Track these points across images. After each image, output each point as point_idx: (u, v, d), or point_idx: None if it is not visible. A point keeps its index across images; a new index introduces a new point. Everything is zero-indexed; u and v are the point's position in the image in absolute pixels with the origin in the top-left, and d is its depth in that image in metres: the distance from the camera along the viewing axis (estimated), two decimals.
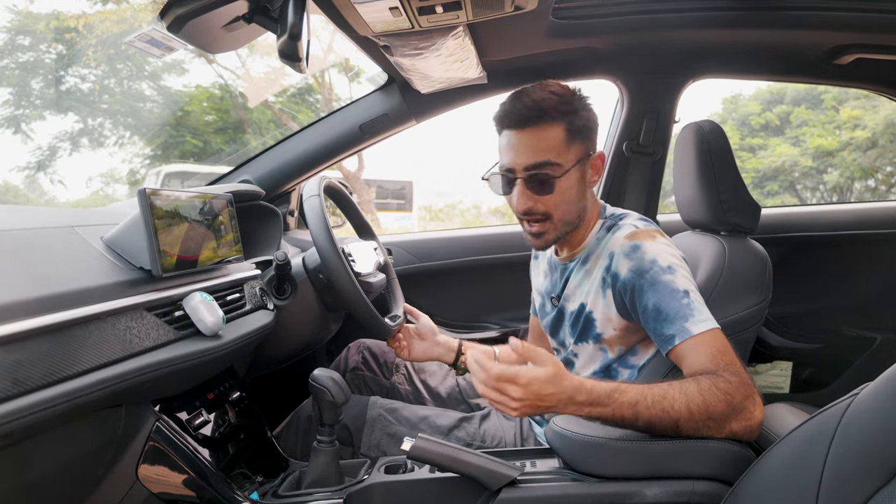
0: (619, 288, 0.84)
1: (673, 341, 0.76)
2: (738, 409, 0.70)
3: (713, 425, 0.70)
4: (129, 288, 0.67)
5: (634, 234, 0.85)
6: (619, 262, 0.84)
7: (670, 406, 0.69)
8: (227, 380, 0.95)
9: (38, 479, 0.59)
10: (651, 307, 0.78)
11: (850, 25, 1.14)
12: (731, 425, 0.70)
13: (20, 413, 0.49)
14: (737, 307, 0.91)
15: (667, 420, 0.69)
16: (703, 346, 0.74)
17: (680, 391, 0.69)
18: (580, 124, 0.86)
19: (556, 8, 1.13)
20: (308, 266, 1.13)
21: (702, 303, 0.78)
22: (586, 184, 0.90)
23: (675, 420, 0.69)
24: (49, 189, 7.47)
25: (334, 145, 1.38)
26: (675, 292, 0.77)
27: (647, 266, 0.80)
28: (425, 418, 1.02)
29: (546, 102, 0.84)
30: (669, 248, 0.84)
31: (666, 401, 0.69)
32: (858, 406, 0.50)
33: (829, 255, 1.54)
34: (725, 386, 0.70)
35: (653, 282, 0.79)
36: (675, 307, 0.76)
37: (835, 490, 0.47)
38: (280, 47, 0.78)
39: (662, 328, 0.77)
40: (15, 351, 0.50)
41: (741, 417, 0.70)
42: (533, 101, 0.84)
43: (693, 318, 0.76)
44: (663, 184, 1.49)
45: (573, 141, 0.86)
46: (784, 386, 1.55)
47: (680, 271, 0.80)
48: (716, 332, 0.75)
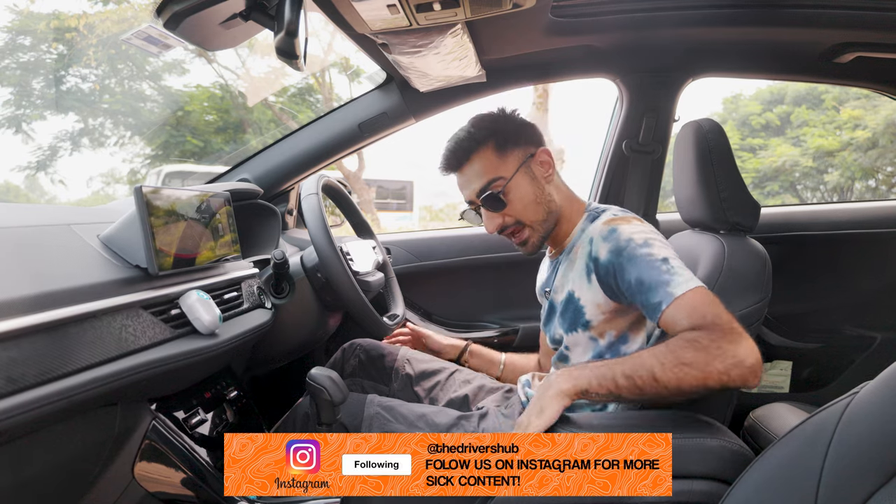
0: (601, 272, 0.86)
1: (660, 307, 0.77)
2: (716, 354, 0.70)
3: (693, 371, 0.70)
4: (125, 286, 0.67)
5: (611, 220, 0.88)
6: (598, 246, 0.87)
7: (640, 360, 0.73)
8: (224, 378, 0.95)
9: (33, 477, 0.59)
10: (634, 281, 0.80)
11: (850, 24, 1.14)
12: (717, 368, 0.70)
13: (15, 411, 0.49)
14: (736, 306, 0.90)
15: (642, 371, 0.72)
16: (686, 304, 0.75)
17: (649, 350, 0.75)
18: (506, 135, 0.94)
19: (555, 6, 1.13)
20: (306, 265, 1.13)
21: (682, 266, 0.79)
22: (540, 181, 0.95)
23: (650, 368, 0.72)
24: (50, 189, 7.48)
25: (333, 144, 1.38)
26: (653, 262, 0.79)
27: (624, 244, 0.83)
28: (423, 416, 1.01)
29: (467, 138, 0.94)
30: (643, 228, 0.86)
31: (634, 357, 0.75)
32: (858, 405, 0.49)
33: (829, 255, 1.53)
34: (694, 336, 0.72)
35: (630, 257, 0.81)
36: (655, 275, 0.78)
37: (834, 489, 0.47)
38: (277, 44, 0.78)
39: (648, 298, 0.79)
40: (10, 348, 0.50)
41: (721, 362, 0.70)
42: (456, 143, 0.94)
43: (674, 281, 0.77)
44: (663, 183, 1.48)
45: (505, 152, 0.93)
46: (784, 385, 1.55)
47: (656, 244, 0.82)
48: (699, 290, 0.76)
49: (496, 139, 0.94)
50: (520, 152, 0.94)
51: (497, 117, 0.97)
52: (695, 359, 0.70)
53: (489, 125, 0.95)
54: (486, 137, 0.93)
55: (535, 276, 1.13)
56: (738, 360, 0.70)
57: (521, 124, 0.97)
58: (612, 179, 1.48)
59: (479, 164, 0.93)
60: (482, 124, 0.95)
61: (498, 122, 0.96)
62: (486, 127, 0.95)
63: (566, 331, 0.95)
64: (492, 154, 0.93)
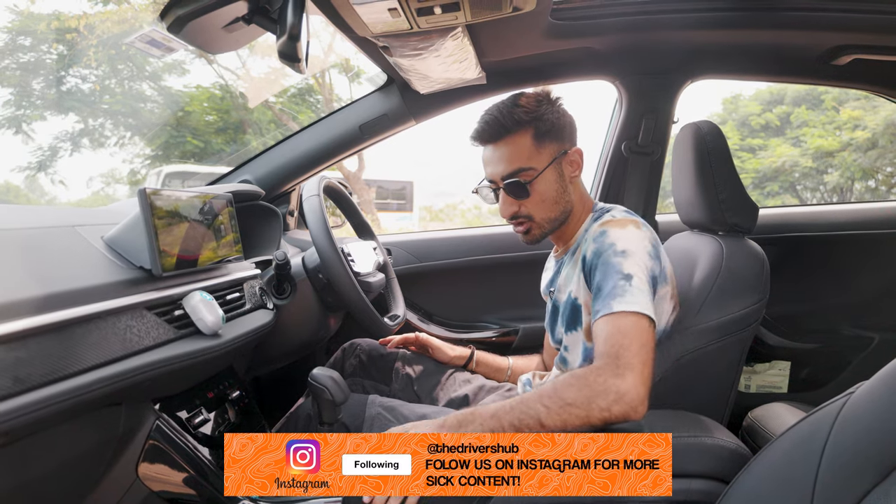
0: (585, 270, 0.87)
1: (596, 315, 0.78)
2: (599, 391, 0.70)
3: (577, 411, 0.70)
4: (129, 287, 0.68)
5: (607, 222, 0.88)
6: (588, 245, 0.87)
7: (527, 407, 0.72)
8: (226, 379, 0.95)
9: (38, 476, 0.59)
10: (595, 285, 0.82)
11: (848, 26, 1.15)
12: (598, 404, 0.70)
13: (21, 411, 0.49)
14: (734, 307, 0.91)
15: (529, 419, 0.72)
16: (611, 324, 0.75)
17: (535, 391, 0.73)
18: (547, 126, 0.90)
19: (555, 9, 1.14)
20: (308, 266, 1.13)
21: (640, 289, 0.78)
22: (566, 180, 0.93)
23: (536, 415, 0.71)
24: (50, 189, 7.49)
25: (334, 145, 1.39)
26: (616, 273, 0.79)
27: (605, 248, 0.83)
28: (424, 416, 1.02)
29: (509, 115, 0.89)
30: (633, 236, 0.85)
31: (524, 403, 0.72)
32: (854, 404, 0.50)
33: (827, 255, 1.54)
34: (582, 372, 0.72)
35: (604, 262, 0.82)
36: (611, 286, 0.78)
37: (831, 487, 0.47)
38: (280, 48, 0.79)
39: (596, 303, 0.80)
40: (16, 349, 0.51)
41: (603, 398, 0.70)
42: (496, 117, 0.90)
43: (621, 298, 0.77)
44: (662, 184, 1.49)
45: (543, 143, 0.90)
46: (782, 385, 1.56)
47: (633, 257, 0.81)
48: (635, 317, 0.75)
49: (537, 126, 0.90)
50: (555, 147, 0.91)
51: (543, 102, 0.92)
52: (577, 397, 0.71)
53: (534, 108, 0.90)
54: (529, 122, 0.89)
55: (536, 276, 1.14)
56: (620, 395, 0.70)
57: (564, 118, 0.93)
58: (611, 180, 1.49)
59: (513, 147, 0.90)
60: (528, 106, 0.90)
61: (542, 107, 0.91)
62: (532, 110, 0.90)
63: (566, 330, 0.96)
64: (529, 141, 0.90)
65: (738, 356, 0.94)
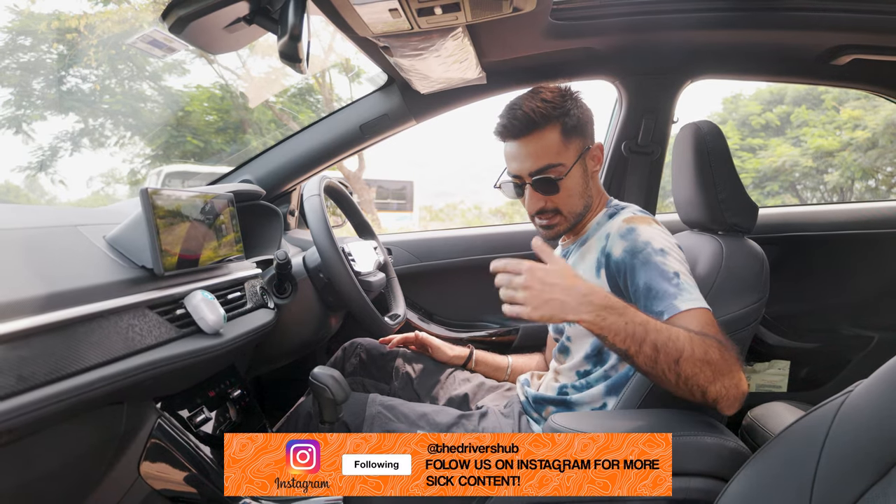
0: (612, 268, 0.86)
1: (662, 317, 0.77)
2: (728, 370, 0.71)
3: (708, 374, 0.69)
4: (131, 286, 0.68)
5: (632, 219, 0.88)
6: (614, 242, 0.87)
7: (676, 336, 0.70)
8: (228, 377, 0.95)
9: (40, 475, 0.60)
10: (642, 286, 0.81)
11: (847, 26, 1.15)
12: (723, 382, 0.70)
13: (24, 409, 0.50)
14: (734, 306, 0.91)
15: (672, 349, 0.69)
16: (692, 320, 0.76)
17: (685, 331, 0.71)
18: (574, 122, 0.91)
19: (555, 9, 1.14)
20: (308, 265, 1.14)
21: (693, 285, 0.80)
22: (589, 175, 0.95)
23: (680, 351, 0.69)
24: (50, 189, 7.50)
25: (334, 145, 1.39)
26: (665, 273, 0.79)
27: (641, 247, 0.83)
28: (424, 415, 1.02)
29: (538, 110, 0.89)
30: (663, 234, 0.86)
31: (672, 331, 0.71)
32: (852, 403, 0.50)
33: (826, 255, 1.54)
34: (717, 344, 0.72)
35: (645, 261, 0.81)
36: (664, 286, 0.78)
37: (829, 486, 0.48)
38: (281, 48, 0.79)
39: (652, 305, 0.79)
40: (19, 348, 0.51)
41: (729, 379, 0.71)
42: (525, 112, 0.89)
43: (682, 296, 0.77)
44: (663, 184, 1.49)
45: (570, 139, 0.91)
46: (782, 385, 1.56)
47: (672, 255, 0.82)
48: (704, 311, 0.77)
49: (564, 122, 0.90)
50: (580, 143, 0.92)
51: (567, 97, 0.92)
52: (717, 361, 0.70)
53: (561, 104, 0.90)
54: (557, 117, 0.89)
55: None
56: (740, 384, 0.71)
57: (587, 113, 0.94)
58: (611, 180, 1.49)
59: (543, 143, 0.90)
60: (556, 101, 0.90)
61: (568, 105, 0.91)
62: (559, 105, 0.90)
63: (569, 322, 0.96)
64: (557, 136, 0.90)
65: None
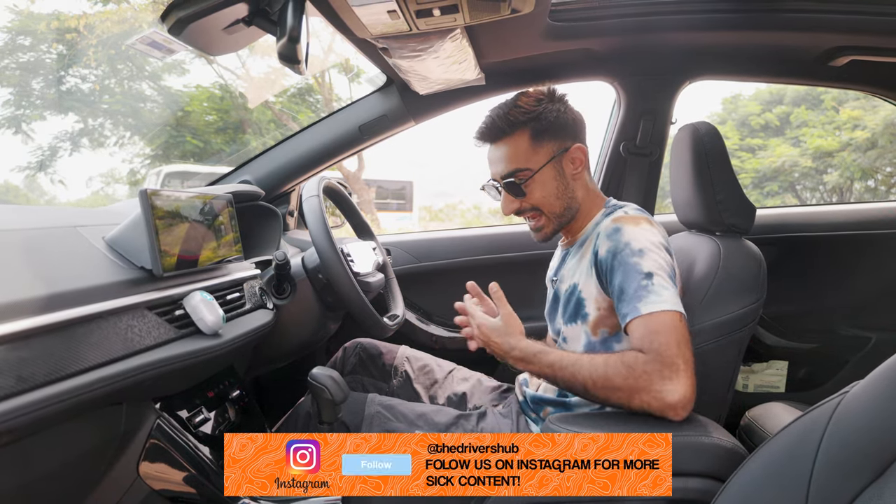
0: (599, 267, 0.87)
1: (625, 319, 0.79)
2: (643, 386, 0.73)
3: (620, 395, 0.75)
4: (130, 287, 0.68)
5: (619, 219, 0.88)
6: (601, 241, 0.87)
7: (578, 371, 0.78)
8: (227, 378, 0.96)
9: (40, 476, 0.60)
10: (617, 286, 0.82)
11: (845, 28, 1.15)
12: (640, 397, 0.74)
13: (24, 410, 0.50)
14: (731, 307, 0.91)
15: (576, 384, 0.79)
16: (644, 326, 0.76)
17: (589, 361, 0.78)
18: (545, 125, 0.92)
19: (553, 10, 1.14)
20: (307, 266, 1.14)
21: (666, 286, 0.79)
22: (567, 177, 0.94)
23: (583, 384, 0.78)
24: (49, 189, 7.50)
25: (334, 146, 1.39)
26: (637, 274, 0.80)
27: (621, 247, 0.83)
28: (423, 415, 1.02)
29: (508, 117, 0.92)
30: (647, 234, 0.85)
31: (575, 366, 0.79)
32: (849, 403, 0.50)
33: (824, 255, 1.54)
34: (631, 361, 0.75)
35: (622, 262, 0.82)
36: (634, 287, 0.79)
37: (825, 486, 0.48)
38: (279, 50, 0.79)
39: (620, 307, 0.81)
40: (19, 349, 0.51)
41: (647, 394, 0.73)
42: (494, 119, 0.93)
43: (647, 299, 0.78)
44: (661, 184, 1.50)
45: (541, 142, 0.92)
46: (780, 385, 1.56)
47: (650, 255, 0.82)
48: (666, 315, 0.76)
49: (534, 127, 0.91)
50: (554, 145, 0.93)
51: (543, 101, 0.93)
52: (623, 385, 0.75)
53: (532, 108, 0.92)
54: (524, 123, 0.91)
55: (536, 276, 1.14)
56: (661, 396, 0.73)
57: (564, 115, 0.94)
58: (609, 181, 1.50)
59: (510, 149, 0.92)
60: (526, 106, 0.92)
61: (541, 106, 0.92)
62: (528, 111, 0.92)
63: (566, 322, 0.96)
64: (525, 142, 0.92)
65: (735, 356, 0.94)
